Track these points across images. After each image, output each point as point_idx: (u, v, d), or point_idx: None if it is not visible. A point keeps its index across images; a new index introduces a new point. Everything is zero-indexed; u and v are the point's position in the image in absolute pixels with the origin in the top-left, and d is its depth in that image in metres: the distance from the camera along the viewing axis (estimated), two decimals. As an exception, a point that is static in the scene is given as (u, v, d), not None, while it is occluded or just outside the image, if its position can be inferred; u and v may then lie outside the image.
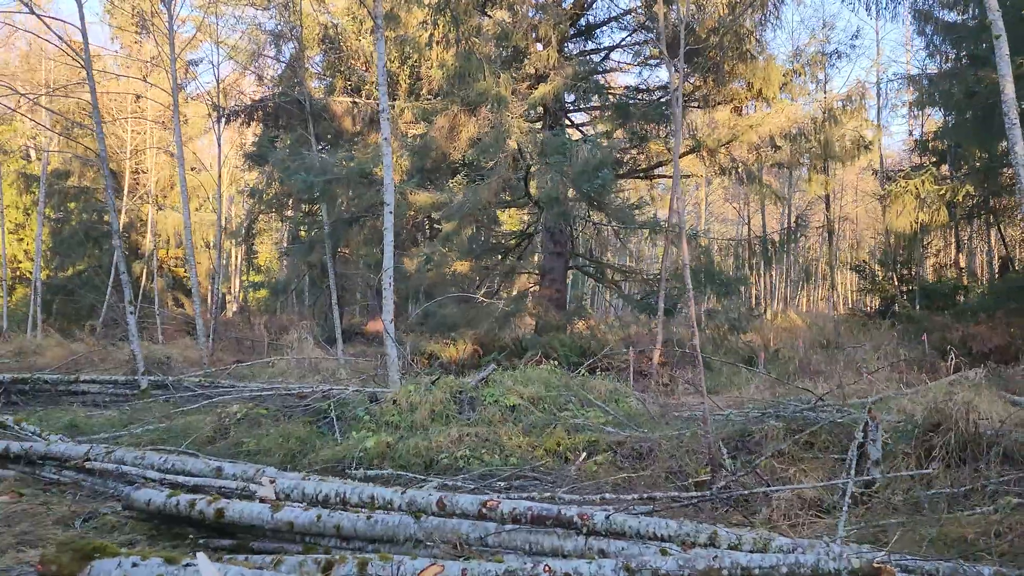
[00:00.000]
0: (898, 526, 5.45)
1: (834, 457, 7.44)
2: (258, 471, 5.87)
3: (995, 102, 13.42)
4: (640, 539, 3.99)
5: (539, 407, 9.12)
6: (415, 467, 7.66)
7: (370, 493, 4.32)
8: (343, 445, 8.12)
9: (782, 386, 11.51)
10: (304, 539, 4.60)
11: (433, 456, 7.78)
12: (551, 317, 13.82)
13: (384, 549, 4.38)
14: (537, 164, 12.26)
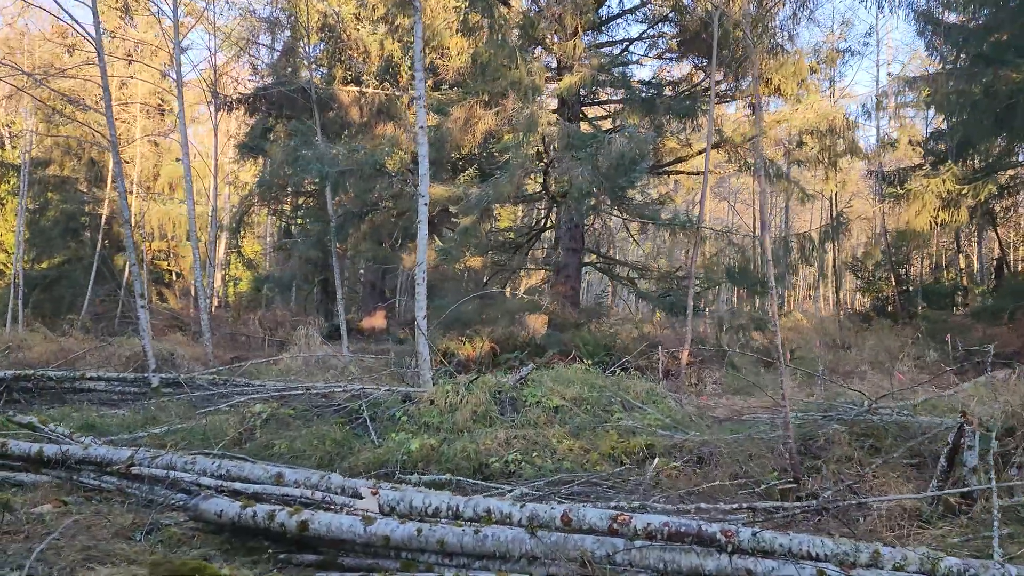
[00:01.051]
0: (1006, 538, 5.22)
1: (904, 462, 7.24)
2: (323, 477, 5.49)
3: (1016, 101, 13.40)
4: (791, 558, 3.67)
5: (582, 408, 8.79)
6: (464, 471, 7.30)
7: (485, 507, 3.95)
8: (384, 448, 7.73)
9: (812, 387, 11.32)
10: (400, 555, 4.24)
11: (482, 460, 7.43)
12: (567, 315, 13.51)
13: (494, 567, 4.03)
14: (563, 157, 11.93)
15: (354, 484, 5.38)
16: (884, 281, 22.95)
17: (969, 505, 5.58)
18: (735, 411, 10.22)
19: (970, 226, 17.99)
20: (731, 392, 11.69)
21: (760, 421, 8.67)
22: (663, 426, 8.26)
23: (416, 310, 9.27)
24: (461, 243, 12.84)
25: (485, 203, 12.60)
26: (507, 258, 15.52)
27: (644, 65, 16.99)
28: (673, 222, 12.74)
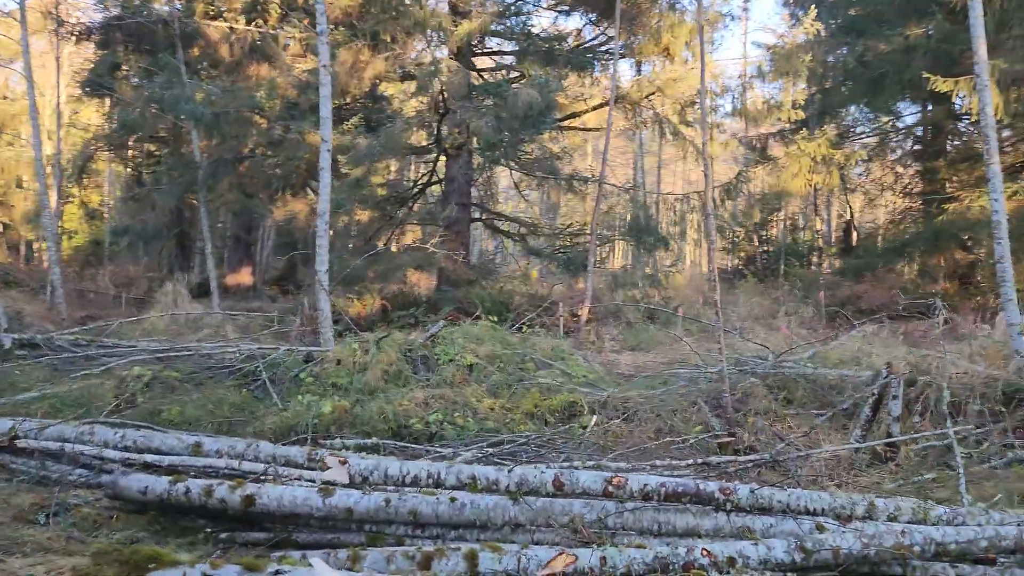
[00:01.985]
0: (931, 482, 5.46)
1: (815, 413, 7.50)
2: (250, 446, 4.99)
3: (885, 71, 14.14)
4: (789, 513, 3.59)
5: (496, 366, 8.55)
6: (382, 433, 6.91)
7: (470, 473, 3.62)
8: (292, 411, 7.19)
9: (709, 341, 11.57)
10: (365, 528, 3.85)
11: (401, 421, 7.06)
12: (461, 271, 13.18)
13: (472, 536, 3.72)
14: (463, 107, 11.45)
15: (287, 452, 4.90)
16: (746, 241, 24.08)
17: (894, 452, 5.80)
18: (638, 367, 10.33)
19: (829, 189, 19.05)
20: (628, 348, 11.81)
21: (675, 376, 8.74)
22: (580, 383, 8.17)
23: (317, 265, 8.66)
24: (351, 195, 12.16)
25: (376, 154, 11.97)
26: (392, 212, 14.91)
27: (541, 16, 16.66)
28: (574, 177, 12.63)
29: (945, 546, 3.23)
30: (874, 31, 15.10)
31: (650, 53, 14.63)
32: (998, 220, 7.29)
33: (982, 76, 7.38)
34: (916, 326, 11.68)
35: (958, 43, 13.03)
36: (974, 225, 12.97)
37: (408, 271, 13.34)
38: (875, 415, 6.03)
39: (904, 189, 19.00)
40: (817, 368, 8.25)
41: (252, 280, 22.38)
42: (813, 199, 22.65)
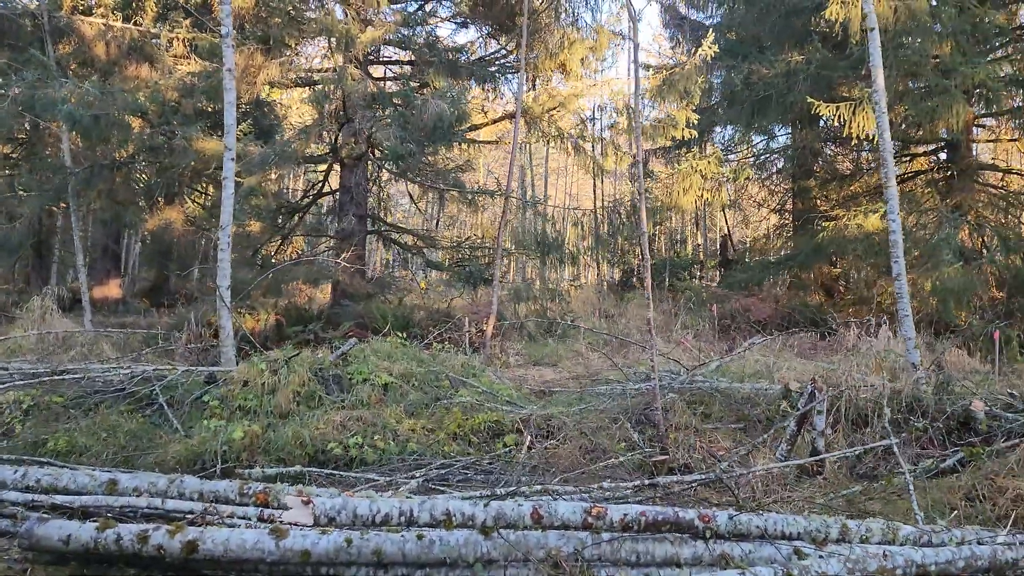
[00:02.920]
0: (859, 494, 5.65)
1: (733, 427, 7.66)
2: (173, 482, 4.57)
3: (769, 94, 14.85)
4: (766, 539, 3.58)
5: (411, 385, 8.27)
6: (298, 459, 6.58)
7: (444, 508, 3.40)
8: (197, 438, 6.69)
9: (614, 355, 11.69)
10: (323, 572, 3.55)
11: (318, 446, 6.72)
12: (359, 285, 12.75)
13: (442, 575, 3.51)
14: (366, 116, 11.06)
15: (216, 488, 4.53)
16: (631, 254, 24.71)
17: (820, 467, 5.98)
18: (546, 382, 10.29)
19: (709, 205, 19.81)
20: (532, 363, 11.77)
21: (592, 393, 8.75)
22: (500, 401, 8.03)
23: (219, 279, 8.12)
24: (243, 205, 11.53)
25: (271, 162, 11.41)
26: (282, 223, 14.29)
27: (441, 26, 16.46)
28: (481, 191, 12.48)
29: (925, 567, 3.30)
30: (755, 56, 15.85)
31: (547, 68, 14.74)
32: (895, 240, 7.71)
33: (880, 103, 7.80)
34: (803, 339, 12.27)
35: (836, 70, 13.88)
36: (851, 242, 13.79)
37: (303, 285, 12.80)
38: (799, 429, 6.20)
39: (779, 206, 20.04)
40: (732, 383, 8.45)
41: (121, 293, 20.99)
42: (694, 214, 23.53)
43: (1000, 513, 4.93)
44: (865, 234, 13.47)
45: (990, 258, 12.95)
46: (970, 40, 12.74)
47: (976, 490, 5.19)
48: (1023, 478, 5.30)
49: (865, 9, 7.92)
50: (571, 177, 34.96)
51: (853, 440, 6.95)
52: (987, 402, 7.14)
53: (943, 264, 11.91)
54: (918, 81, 13.42)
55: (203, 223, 16.86)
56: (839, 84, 14.13)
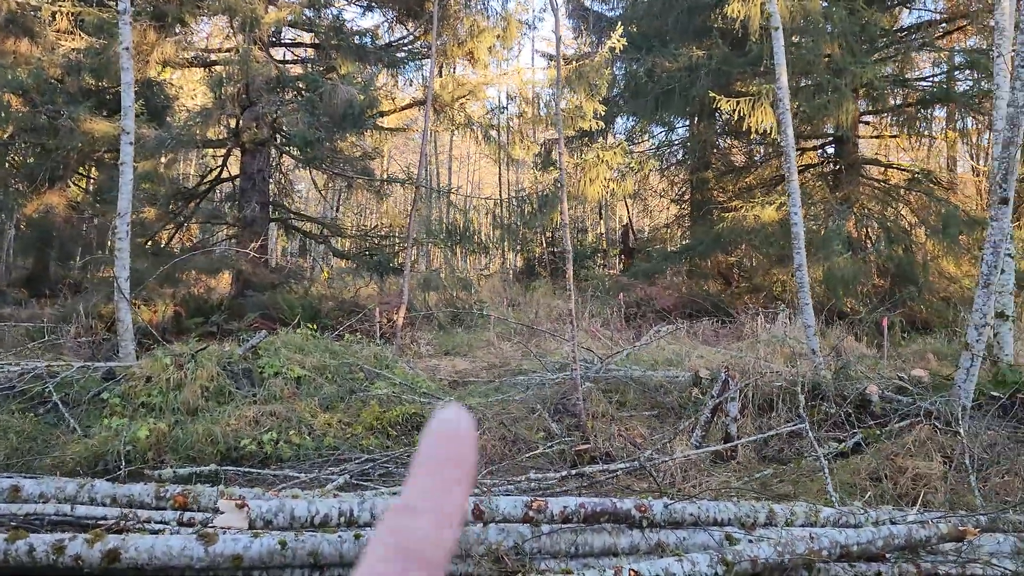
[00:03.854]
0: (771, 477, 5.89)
1: (647, 414, 7.85)
2: (82, 486, 4.33)
3: (672, 87, 15.24)
4: (699, 526, 3.68)
5: (325, 378, 8.08)
6: (209, 457, 6.35)
7: (385, 506, 3.33)
8: (98, 438, 6.36)
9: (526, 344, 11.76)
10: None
11: (231, 443, 6.49)
12: (263, 275, 12.32)
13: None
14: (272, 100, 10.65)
15: (130, 492, 4.32)
16: (535, 243, 24.90)
17: (734, 452, 6.21)
18: (459, 372, 10.26)
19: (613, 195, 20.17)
20: (443, 353, 11.72)
21: (512, 383, 8.78)
22: (417, 393, 7.95)
23: (117, 269, 7.69)
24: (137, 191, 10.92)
25: (168, 146, 10.86)
26: (178, 209, 13.66)
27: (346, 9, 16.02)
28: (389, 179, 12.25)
29: (848, 548, 3.47)
30: (658, 49, 16.20)
31: (455, 56, 14.63)
32: (797, 232, 8.04)
33: (783, 100, 8.11)
34: (706, 326, 12.68)
35: (736, 66, 14.36)
36: (749, 232, 14.34)
37: (201, 274, 12.28)
38: (714, 416, 6.41)
39: (678, 197, 20.63)
40: (645, 371, 8.65)
41: (-9, 283, 19.63)
42: (597, 203, 23.93)
43: (901, 492, 5.26)
44: (762, 225, 14.05)
45: (875, 248, 13.73)
46: (858, 41, 13.41)
47: (879, 471, 5.50)
48: (920, 458, 5.66)
49: (769, 9, 8.20)
50: (474, 165, 34.96)
51: (760, 425, 7.23)
52: (880, 386, 7.57)
53: (833, 254, 12.54)
54: (810, 79, 14.04)
55: (88, 208, 15.94)
56: (737, 79, 14.63)
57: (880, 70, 13.83)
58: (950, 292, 13.63)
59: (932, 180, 15.41)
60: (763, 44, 13.06)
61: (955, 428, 5.96)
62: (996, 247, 6.20)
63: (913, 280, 13.33)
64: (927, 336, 12.10)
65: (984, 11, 15.32)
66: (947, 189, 16.12)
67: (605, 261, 23.71)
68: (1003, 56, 9.18)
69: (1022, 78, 6.13)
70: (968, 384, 6.25)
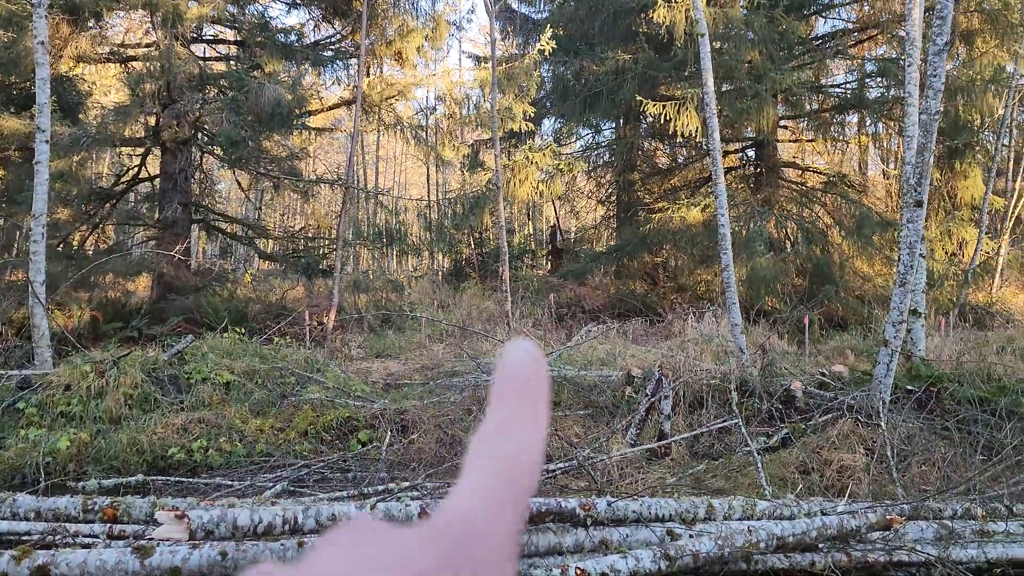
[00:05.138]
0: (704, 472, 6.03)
1: (582, 413, 7.92)
2: (3, 500, 4.15)
3: (600, 90, 15.44)
4: (640, 523, 3.75)
5: (255, 382, 7.89)
6: (136, 467, 6.15)
7: (330, 513, 3.28)
8: (14, 450, 6.09)
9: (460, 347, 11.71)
10: (194, 590, 3.33)
11: (158, 452, 6.29)
12: (185, 277, 11.93)
13: (325, 582, 3.39)
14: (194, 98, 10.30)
15: (55, 505, 4.15)
16: (463, 244, 24.87)
17: (668, 449, 6.33)
18: (391, 375, 10.15)
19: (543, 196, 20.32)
20: (375, 356, 11.59)
21: (447, 385, 8.74)
22: (350, 397, 7.83)
23: (32, 273, 7.34)
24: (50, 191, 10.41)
25: (84, 144, 10.41)
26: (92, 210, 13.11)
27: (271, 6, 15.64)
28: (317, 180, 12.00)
29: (784, 539, 3.58)
30: (586, 52, 16.41)
31: (383, 56, 14.49)
32: (724, 233, 8.26)
33: (710, 105, 8.33)
34: (635, 326, 12.89)
35: (661, 70, 14.66)
36: (675, 233, 14.66)
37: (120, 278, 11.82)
38: (648, 414, 6.53)
39: (605, 198, 20.92)
40: (578, 371, 8.73)
41: None
42: (526, 204, 24.06)
43: (828, 483, 5.46)
44: (687, 226, 14.38)
45: (796, 249, 14.22)
46: (777, 48, 13.87)
47: (807, 463, 5.70)
48: (844, 450, 5.89)
49: (695, 15, 8.41)
50: (401, 166, 34.68)
51: (691, 422, 7.39)
52: (803, 382, 7.84)
53: (756, 254, 12.93)
54: (732, 84, 14.44)
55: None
56: (663, 84, 14.94)
57: (798, 76, 14.32)
58: (864, 290, 14.23)
59: (846, 183, 16.05)
60: (688, 49, 13.39)
61: (876, 421, 6.22)
62: (912, 247, 6.50)
63: (830, 279, 13.85)
64: (844, 333, 12.59)
65: (893, 21, 16.06)
66: (860, 192, 16.82)
67: (533, 262, 23.86)
68: (914, 64, 9.62)
69: (934, 87, 6.44)
70: (887, 379, 6.53)
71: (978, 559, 3.98)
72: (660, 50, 14.78)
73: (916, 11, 9.87)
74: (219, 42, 13.98)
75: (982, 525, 4.27)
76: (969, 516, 4.46)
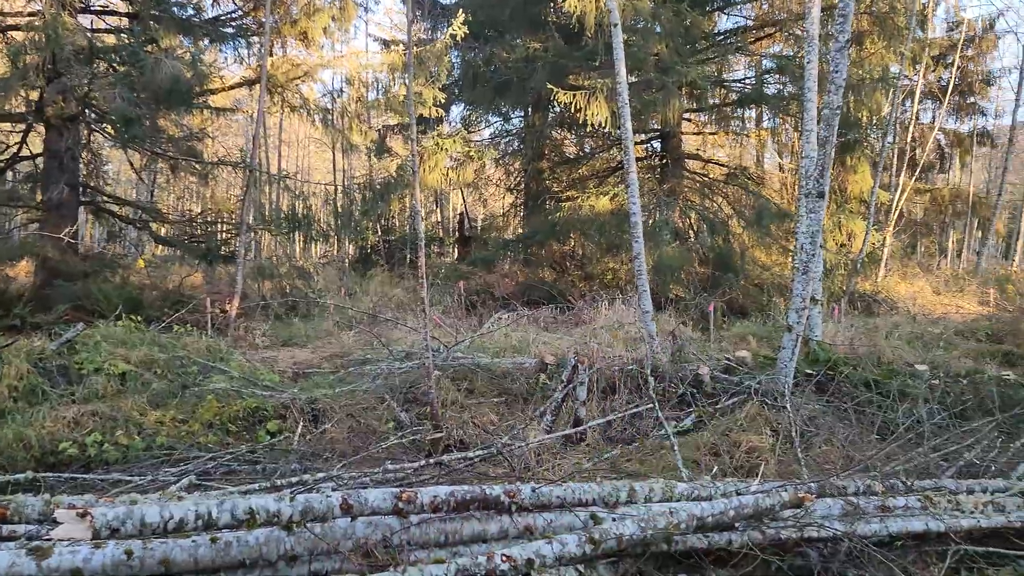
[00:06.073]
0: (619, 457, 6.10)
1: (496, 401, 7.88)
2: None
3: (510, 78, 15.42)
4: (564, 508, 3.75)
5: (154, 372, 7.50)
6: (23, 464, 5.76)
7: (247, 507, 3.12)
8: None
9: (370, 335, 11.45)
10: (98, 592, 3.12)
11: (48, 447, 5.91)
12: (72, 263, 11.22)
13: (241, 578, 3.25)
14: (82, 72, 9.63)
15: None
16: (370, 231, 24.46)
17: (583, 435, 6.38)
18: (299, 363, 9.86)
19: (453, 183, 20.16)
20: (281, 344, 11.24)
21: (358, 374, 8.54)
22: (258, 386, 7.55)
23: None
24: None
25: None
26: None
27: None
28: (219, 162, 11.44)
29: (704, 520, 3.65)
30: (496, 39, 16.34)
31: (287, 35, 14.01)
32: (635, 221, 8.38)
33: (623, 95, 8.41)
34: (545, 313, 12.95)
35: (571, 60, 14.74)
36: (585, 222, 14.81)
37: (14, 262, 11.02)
38: (564, 400, 6.56)
39: (514, 186, 20.98)
40: (492, 358, 8.69)
41: None
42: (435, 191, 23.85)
43: (738, 464, 5.61)
44: (596, 214, 14.55)
45: (700, 238, 14.61)
46: (683, 41, 14.17)
47: (718, 446, 5.85)
48: (752, 432, 6.07)
49: (609, 5, 8.46)
50: (304, 150, 33.78)
51: (604, 407, 7.46)
52: (710, 367, 8.04)
53: (663, 243, 13.22)
54: (640, 76, 14.67)
55: None
56: (573, 73, 15.03)
57: (703, 70, 14.67)
58: (763, 279, 14.77)
59: (747, 175, 16.59)
60: (598, 40, 13.51)
61: (782, 404, 6.45)
62: (814, 237, 6.75)
63: (732, 268, 14.31)
64: (745, 320, 13.04)
65: (791, 20, 16.66)
66: (758, 184, 17.43)
67: (441, 250, 23.72)
68: (813, 61, 9.96)
69: (836, 82, 6.69)
70: (791, 363, 6.76)
71: (881, 533, 4.16)
72: (570, 40, 14.85)
73: (815, 9, 10.22)
74: (110, 13, 13.16)
75: (883, 501, 4.46)
76: (871, 492, 4.66)
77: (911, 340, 11.68)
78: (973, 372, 9.11)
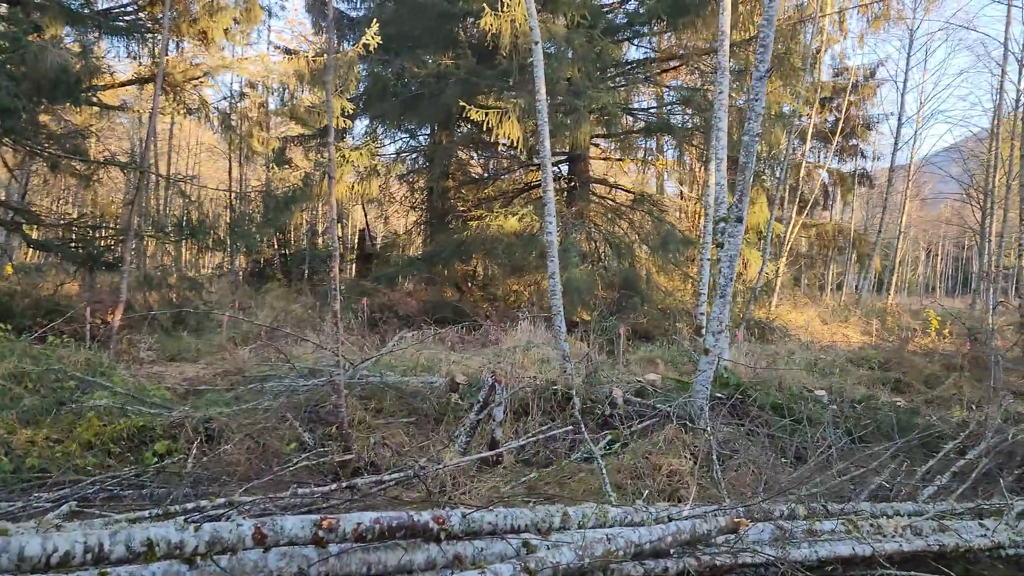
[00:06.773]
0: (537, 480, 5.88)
1: (405, 421, 7.52)
2: None
3: (421, 93, 15.16)
4: (496, 535, 3.48)
5: (23, 387, 6.77)
6: None
7: (144, 538, 2.71)
8: None
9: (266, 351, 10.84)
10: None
11: None
12: (-69, 266, 10.15)
13: (129, 623, 2.84)
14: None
15: None
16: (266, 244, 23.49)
17: (500, 458, 6.13)
18: (189, 379, 9.19)
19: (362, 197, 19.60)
20: (168, 359, 10.49)
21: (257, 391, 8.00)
22: (145, 404, 6.93)
23: None
24: None
25: None
26: None
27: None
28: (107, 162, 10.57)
29: (641, 547, 3.46)
30: (407, 53, 16.04)
31: (185, 33, 13.30)
32: (551, 240, 8.25)
33: (543, 113, 8.30)
34: (451, 332, 12.65)
35: (485, 78, 14.61)
36: (492, 242, 14.63)
37: None
38: (479, 421, 6.29)
39: (418, 204, 20.63)
40: (401, 377, 8.34)
41: None
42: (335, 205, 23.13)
43: (659, 487, 5.48)
44: (504, 235, 14.40)
45: (606, 262, 14.68)
46: (595, 67, 14.29)
47: (638, 468, 5.71)
48: (671, 455, 5.97)
49: (531, 24, 8.37)
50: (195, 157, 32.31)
51: (517, 428, 7.24)
52: (623, 389, 7.96)
53: (571, 265, 13.19)
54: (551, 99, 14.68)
55: None
56: (484, 92, 14.90)
57: (613, 97, 14.83)
58: (667, 304, 14.97)
59: (651, 201, 16.86)
60: (513, 59, 13.44)
61: (699, 426, 6.39)
62: (732, 261, 6.77)
63: (638, 292, 14.43)
64: (649, 344, 13.13)
65: (695, 54, 17.13)
66: (662, 210, 17.76)
67: (342, 266, 23.04)
68: (724, 92, 10.20)
69: (756, 110, 6.77)
70: (708, 386, 6.74)
71: (811, 558, 4.09)
72: (483, 59, 14.74)
73: (726, 42, 10.49)
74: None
75: (811, 525, 4.41)
76: (795, 516, 4.60)
77: (808, 366, 12.03)
78: (868, 398, 9.42)
